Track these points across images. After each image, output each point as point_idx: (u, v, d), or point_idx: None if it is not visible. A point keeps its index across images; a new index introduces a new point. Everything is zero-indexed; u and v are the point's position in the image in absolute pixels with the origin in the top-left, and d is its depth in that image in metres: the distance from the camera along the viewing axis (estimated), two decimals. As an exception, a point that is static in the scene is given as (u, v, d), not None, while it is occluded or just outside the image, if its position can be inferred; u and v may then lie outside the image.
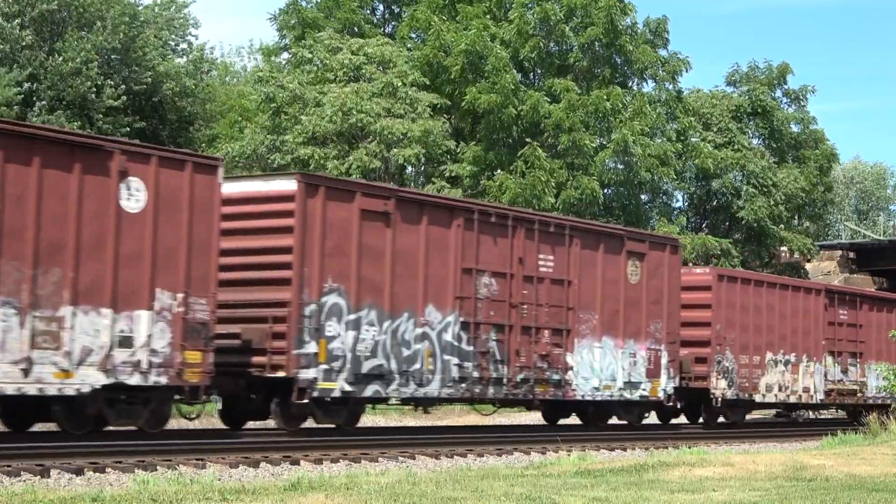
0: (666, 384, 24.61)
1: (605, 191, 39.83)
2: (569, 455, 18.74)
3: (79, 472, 13.78)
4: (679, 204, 47.62)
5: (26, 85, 37.77)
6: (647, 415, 26.00)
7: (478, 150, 37.81)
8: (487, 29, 38.57)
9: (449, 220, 20.26)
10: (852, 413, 33.04)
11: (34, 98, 39.49)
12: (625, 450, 21.14)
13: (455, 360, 20.10)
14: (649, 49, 41.81)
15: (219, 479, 13.55)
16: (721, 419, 28.05)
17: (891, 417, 24.51)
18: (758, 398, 28.26)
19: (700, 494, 12.59)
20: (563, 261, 22.29)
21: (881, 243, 53.10)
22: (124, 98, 40.75)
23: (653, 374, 24.26)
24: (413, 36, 41.82)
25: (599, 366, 22.96)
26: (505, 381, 20.98)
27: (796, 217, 48.70)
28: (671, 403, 25.53)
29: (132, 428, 17.12)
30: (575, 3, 40.05)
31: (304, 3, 42.43)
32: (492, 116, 37.38)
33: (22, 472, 13.30)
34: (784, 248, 47.69)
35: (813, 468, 15.93)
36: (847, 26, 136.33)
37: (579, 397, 22.71)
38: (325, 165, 34.60)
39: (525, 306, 21.43)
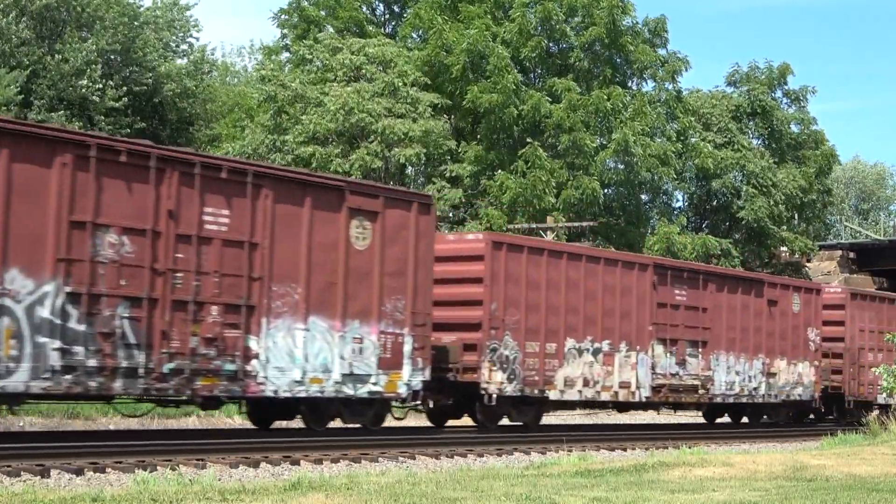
0: (410, 377, 19.71)
1: (606, 191, 39.83)
2: (569, 455, 18.74)
3: (79, 472, 13.78)
4: (679, 204, 47.70)
5: (21, 79, 37.71)
6: (401, 416, 21.74)
7: (478, 149, 37.81)
8: (489, 29, 38.59)
9: (49, 155, 15.35)
10: (707, 414, 30.60)
11: (32, 97, 39.50)
12: (625, 450, 21.15)
13: (56, 344, 15.30)
14: (649, 49, 41.86)
15: (219, 479, 13.55)
16: (505, 420, 23.03)
17: (891, 417, 24.50)
18: (553, 395, 22.87)
19: (700, 494, 12.59)
20: (245, 217, 17.45)
21: (881, 243, 53.08)
22: (126, 100, 40.80)
23: (390, 364, 19.42)
24: (414, 36, 41.85)
25: (304, 353, 18.14)
26: (143, 371, 16.14)
27: (796, 217, 48.69)
28: (419, 401, 20.65)
29: (132, 428, 17.11)
30: (576, 2, 40.07)
31: (306, 3, 42.42)
32: (492, 116, 37.39)
33: (22, 472, 13.30)
34: (784, 249, 47.69)
35: (813, 468, 15.93)
36: (847, 26, 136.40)
37: (270, 393, 17.79)
38: (328, 165, 34.60)
39: (180, 274, 16.63)
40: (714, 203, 46.94)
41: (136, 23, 43.60)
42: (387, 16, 45.37)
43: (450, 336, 21.41)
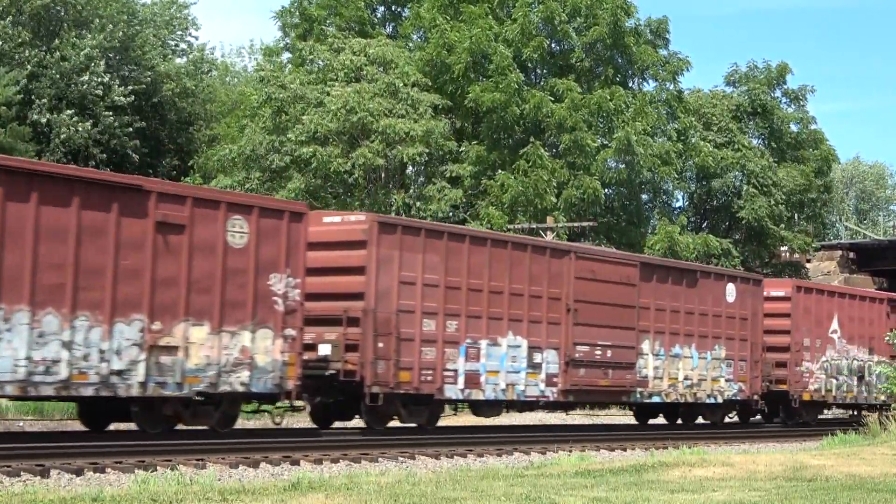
0: None
1: (607, 190, 39.84)
2: (569, 455, 18.74)
3: (79, 472, 13.78)
4: (679, 203, 47.70)
5: (23, 82, 37.73)
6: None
7: (479, 149, 37.80)
8: (491, 29, 38.59)
9: None
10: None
11: (33, 96, 39.52)
12: (625, 450, 21.14)
13: None
14: (651, 49, 41.88)
15: (219, 480, 13.55)
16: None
17: (889, 418, 24.49)
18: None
19: (700, 494, 12.59)
20: None
21: (881, 243, 53.05)
22: (132, 98, 40.85)
23: None
24: (416, 36, 41.85)
25: None
26: None
27: (795, 216, 48.69)
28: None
29: (131, 428, 17.11)
30: (579, 3, 40.09)
31: (307, 2, 42.42)
32: (494, 115, 37.39)
33: (22, 473, 13.30)
34: (784, 248, 47.68)
35: (813, 468, 15.93)
36: (845, 28, 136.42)
37: None
38: (328, 164, 34.59)
39: None
40: (714, 203, 46.94)
41: (134, 20, 43.63)
42: (387, 16, 45.35)
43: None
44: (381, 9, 44.79)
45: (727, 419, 28.71)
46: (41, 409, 24.99)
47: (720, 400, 26.78)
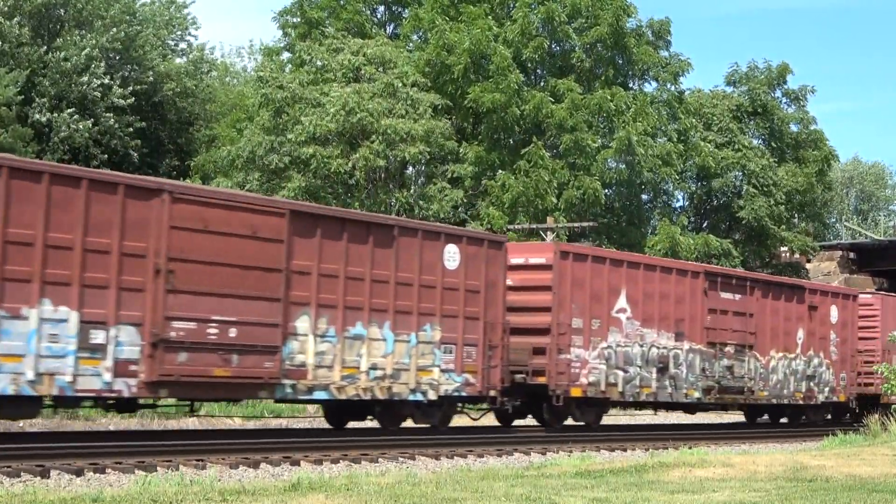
0: None
1: (607, 191, 39.84)
2: (569, 456, 18.75)
3: (79, 472, 13.77)
4: (680, 203, 47.69)
5: (22, 81, 37.73)
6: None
7: (480, 149, 37.80)
8: (490, 30, 38.58)
9: None
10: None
11: (33, 95, 39.52)
12: (625, 450, 21.15)
13: None
14: (651, 50, 41.88)
15: (219, 480, 13.54)
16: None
17: (891, 418, 24.50)
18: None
19: (700, 495, 12.59)
20: None
21: (881, 243, 53.06)
22: (132, 98, 40.86)
23: None
24: (415, 37, 41.83)
25: None
26: None
27: (796, 216, 48.69)
28: None
29: (132, 428, 17.10)
30: (579, 3, 40.09)
31: (308, 4, 42.41)
32: (494, 115, 37.39)
33: (22, 473, 13.30)
34: (784, 249, 47.66)
35: (813, 469, 15.93)
36: (844, 29, 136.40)
37: None
38: (327, 165, 34.55)
39: None
40: (714, 202, 46.95)
41: (135, 20, 43.65)
42: (386, 17, 45.34)
43: None
44: (381, 9, 44.79)
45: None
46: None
47: (434, 396, 20.43)
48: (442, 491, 12.06)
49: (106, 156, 39.87)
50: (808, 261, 50.05)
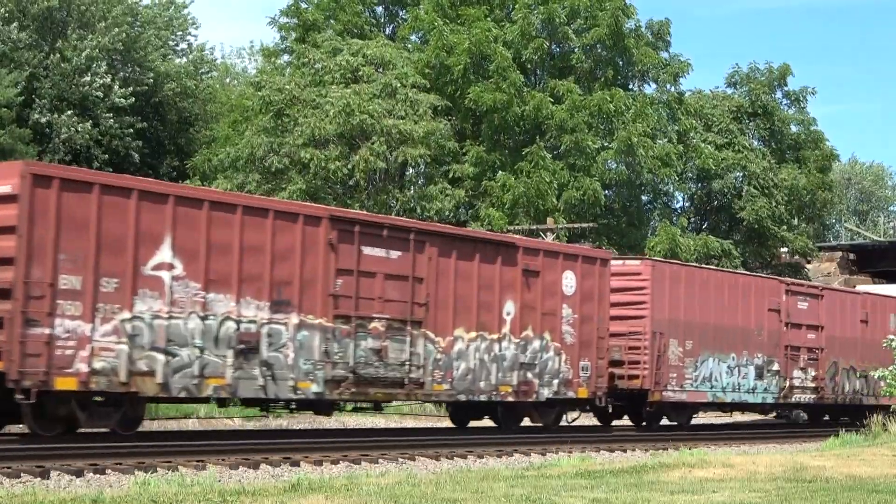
0: None
1: (607, 192, 39.85)
2: (569, 456, 18.75)
3: (79, 473, 13.77)
4: (680, 204, 47.70)
5: (22, 83, 37.73)
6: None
7: (480, 150, 37.81)
8: (490, 31, 38.59)
9: None
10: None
11: (34, 97, 39.52)
12: (625, 451, 21.15)
13: None
14: (651, 51, 41.89)
15: (219, 481, 13.55)
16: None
17: (891, 419, 24.50)
18: None
19: (700, 495, 12.59)
20: None
21: (881, 244, 53.08)
22: (133, 99, 40.86)
23: None
24: (414, 38, 41.83)
25: None
26: None
27: (796, 218, 48.70)
28: None
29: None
30: (579, 4, 40.10)
31: (304, 6, 42.39)
32: (495, 115, 37.40)
33: (22, 474, 13.30)
34: (785, 249, 47.68)
35: (813, 469, 15.93)
36: (843, 30, 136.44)
37: None
38: (326, 167, 34.55)
39: None
40: (715, 203, 46.95)
41: (136, 23, 43.67)
42: (385, 18, 45.33)
43: None
44: (380, 9, 44.78)
45: None
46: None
47: None
48: (442, 491, 12.07)
49: (107, 157, 39.89)
50: (808, 262, 50.06)
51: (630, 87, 42.36)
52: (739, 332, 27.31)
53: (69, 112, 38.83)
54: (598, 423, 26.68)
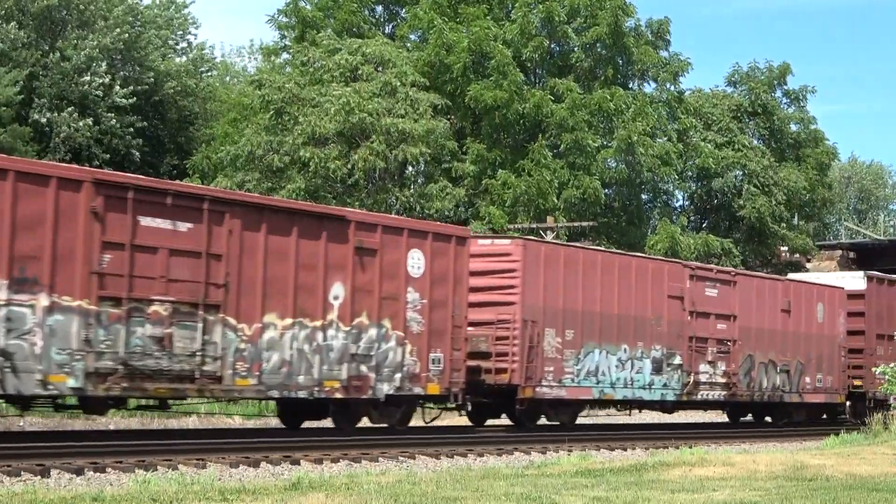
0: None
1: (607, 191, 39.84)
2: (569, 455, 18.75)
3: (79, 471, 13.77)
4: (679, 203, 47.70)
5: (21, 82, 37.72)
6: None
7: (480, 147, 37.81)
8: (489, 30, 38.58)
9: None
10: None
11: (33, 96, 39.52)
12: (625, 450, 21.16)
13: None
14: (651, 50, 41.88)
15: (219, 479, 13.55)
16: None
17: (892, 417, 24.51)
18: None
19: (700, 494, 12.58)
20: None
21: (881, 243, 53.07)
22: (133, 98, 40.86)
23: None
24: (413, 37, 41.81)
25: None
26: None
27: (796, 216, 48.70)
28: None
29: (132, 428, 17.11)
30: (578, 3, 40.09)
31: (303, 3, 42.36)
32: (495, 113, 37.39)
33: (22, 472, 13.29)
34: (784, 248, 47.68)
35: (813, 468, 15.92)
36: (842, 30, 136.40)
37: None
38: (326, 166, 34.53)
39: None
40: (715, 202, 46.95)
41: (137, 22, 43.67)
42: (385, 17, 45.29)
43: None
44: (379, 8, 44.74)
45: None
46: (41, 408, 24.93)
47: None
48: (442, 490, 12.06)
49: (107, 155, 39.89)
50: (809, 260, 50.06)
51: (630, 85, 42.32)
52: (633, 322, 24.39)
53: (69, 110, 38.82)
54: (469, 424, 24.44)
